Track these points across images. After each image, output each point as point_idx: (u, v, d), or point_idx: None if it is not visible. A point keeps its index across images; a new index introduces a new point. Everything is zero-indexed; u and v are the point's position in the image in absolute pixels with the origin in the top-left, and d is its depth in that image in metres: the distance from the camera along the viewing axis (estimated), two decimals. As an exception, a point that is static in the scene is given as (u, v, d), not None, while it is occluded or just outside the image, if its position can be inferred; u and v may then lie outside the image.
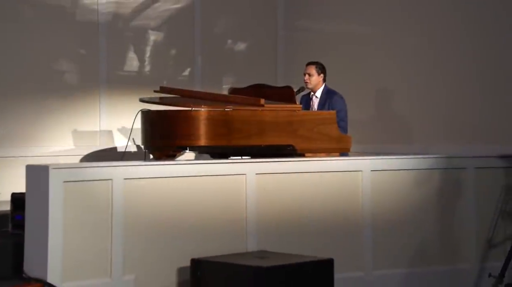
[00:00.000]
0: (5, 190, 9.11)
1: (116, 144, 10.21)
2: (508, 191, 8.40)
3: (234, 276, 6.42)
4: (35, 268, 6.29)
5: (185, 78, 10.84)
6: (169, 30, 10.77)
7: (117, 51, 10.37)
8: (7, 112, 9.41)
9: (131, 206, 6.63)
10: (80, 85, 10.08)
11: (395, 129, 10.27)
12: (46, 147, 9.63)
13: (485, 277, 8.01)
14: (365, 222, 7.68)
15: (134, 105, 10.03)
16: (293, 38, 11.53)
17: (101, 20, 10.16)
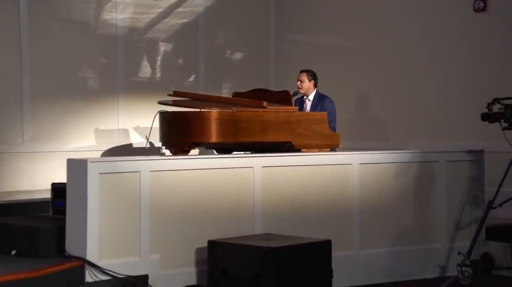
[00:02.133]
0: (37, 181, 9.16)
1: (131, 141, 10.21)
2: (473, 181, 8.42)
3: (246, 255, 6.40)
4: (75, 248, 6.30)
5: (190, 83, 10.84)
6: (177, 42, 10.77)
7: (132, 60, 10.37)
8: (41, 113, 9.40)
9: (156, 195, 6.64)
10: (100, 90, 10.07)
11: (372, 128, 10.34)
12: (73, 143, 9.62)
13: (455, 255, 7.99)
14: (354, 208, 7.68)
15: (147, 106, 10.11)
16: (283, 49, 11.55)
17: (119, 33, 10.15)
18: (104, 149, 9.80)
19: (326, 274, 6.60)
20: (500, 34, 9.39)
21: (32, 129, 9.34)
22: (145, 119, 10.09)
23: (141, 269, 6.46)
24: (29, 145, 9.27)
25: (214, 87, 10.86)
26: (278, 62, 11.54)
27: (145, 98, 10.24)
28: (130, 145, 10.12)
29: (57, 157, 9.34)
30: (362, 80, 10.47)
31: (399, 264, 7.83)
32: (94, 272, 6.23)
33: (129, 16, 10.26)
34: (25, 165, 9.15)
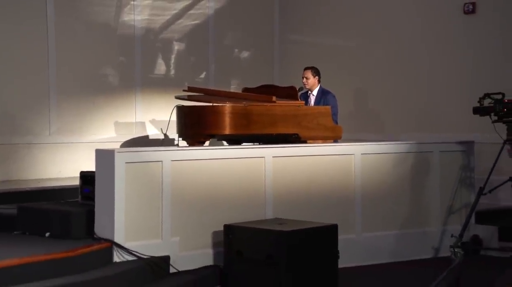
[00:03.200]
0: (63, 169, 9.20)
1: (148, 133, 10.22)
2: (464, 169, 8.47)
3: (259, 238, 6.44)
4: (104, 231, 6.34)
5: (201, 79, 10.87)
6: (189, 42, 10.79)
7: (148, 58, 10.39)
8: (66, 108, 9.43)
9: (177, 182, 6.68)
10: (120, 86, 10.09)
11: (369, 121, 10.36)
12: (94, 135, 9.63)
13: (448, 237, 8.04)
14: (356, 195, 7.73)
15: (162, 101, 10.18)
16: (286, 48, 11.57)
17: (136, 34, 10.17)
18: (123, 140, 9.79)
19: (332, 256, 6.62)
20: (488, 35, 9.42)
21: (58, 122, 9.36)
22: (160, 112, 10.17)
23: (163, 251, 6.51)
24: (55, 137, 9.30)
25: (223, 83, 10.86)
26: (281, 60, 11.57)
27: (160, 93, 10.28)
28: (146, 136, 10.14)
29: (81, 148, 9.40)
30: (360, 78, 10.50)
31: (397, 246, 7.88)
32: (121, 253, 6.28)
33: (145, 18, 10.29)
34: (52, 155, 9.18)
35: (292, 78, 10.23)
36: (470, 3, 9.64)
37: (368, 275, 7.24)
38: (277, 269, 6.25)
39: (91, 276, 5.83)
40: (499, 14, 9.38)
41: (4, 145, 8.39)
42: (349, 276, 6.86)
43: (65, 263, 5.86)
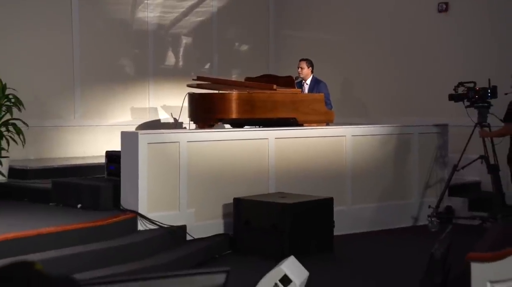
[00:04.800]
0: (87, 149, 9.15)
1: (159, 117, 10.14)
2: (439, 149, 8.51)
3: (265, 209, 6.48)
4: (129, 203, 6.35)
5: (206, 70, 10.78)
6: (195, 36, 10.70)
7: (160, 51, 10.30)
8: (89, 95, 9.34)
9: (192, 161, 6.68)
10: (135, 75, 9.99)
11: (355, 107, 10.34)
12: (113, 119, 9.54)
13: (425, 208, 8.13)
14: (347, 172, 7.75)
15: (172, 89, 10.11)
16: (280, 42, 11.49)
17: (149, 29, 10.06)
18: (137, 123, 9.72)
19: (329, 225, 6.69)
20: (459, 31, 9.41)
21: (81, 107, 9.28)
22: (171, 99, 10.12)
23: (180, 220, 6.53)
24: (79, 120, 9.22)
25: (225, 73, 10.79)
26: (276, 53, 11.49)
27: (170, 82, 10.20)
28: (158, 120, 10.07)
29: (102, 130, 9.32)
30: (346, 68, 10.46)
31: (382, 216, 7.92)
32: (144, 222, 6.30)
33: (157, 15, 10.18)
34: (77, 136, 9.11)
35: (285, 68, 10.17)
36: (443, 2, 9.60)
37: (358, 241, 7.27)
38: (280, 236, 6.31)
39: (119, 243, 5.86)
40: (469, 13, 9.37)
41: (36, 128, 8.30)
42: (342, 242, 6.88)
43: (96, 231, 5.88)
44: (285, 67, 10.42)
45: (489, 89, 7.61)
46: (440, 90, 8.85)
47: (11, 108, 7.71)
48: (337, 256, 6.55)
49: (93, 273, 5.36)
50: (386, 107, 9.92)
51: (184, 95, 8.23)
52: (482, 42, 9.15)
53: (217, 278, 1.85)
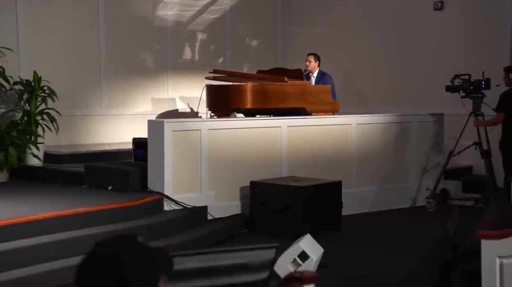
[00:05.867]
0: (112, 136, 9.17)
1: (177, 107, 10.15)
2: (436, 136, 8.51)
3: (279, 192, 6.48)
4: (155, 185, 6.37)
5: (220, 64, 10.76)
6: (210, 32, 10.69)
7: (178, 46, 10.29)
8: (113, 86, 9.34)
9: (212, 147, 6.69)
10: (155, 68, 9.99)
11: (355, 97, 10.34)
12: (136, 109, 9.55)
13: (423, 190, 8.17)
14: (353, 157, 7.75)
15: (189, 81, 10.11)
16: (287, 38, 11.50)
17: (168, 25, 10.06)
18: (157, 113, 9.73)
19: (337, 206, 6.71)
20: (454, 27, 9.41)
21: (107, 98, 9.29)
22: (187, 90, 10.13)
23: (202, 202, 6.55)
24: (105, 110, 9.22)
25: (237, 66, 10.76)
26: (283, 48, 11.48)
27: (187, 75, 10.20)
28: (176, 110, 10.08)
29: (125, 119, 9.34)
30: (348, 62, 10.45)
31: (383, 197, 7.94)
32: (169, 203, 6.32)
33: (175, 13, 10.17)
34: (103, 125, 9.13)
35: (291, 62, 10.17)
36: (439, 1, 9.59)
37: (363, 220, 7.29)
38: (293, 216, 6.33)
39: (147, 222, 5.88)
40: (462, 11, 9.35)
41: (66, 116, 8.31)
42: (349, 221, 6.91)
43: (126, 211, 5.90)
44: (291, 61, 10.42)
45: (483, 81, 7.61)
46: (436, 82, 8.84)
47: (46, 99, 7.73)
48: (345, 234, 6.57)
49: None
50: (385, 98, 9.92)
51: (202, 87, 8.21)
52: (475, 37, 9.14)
53: (268, 253, 1.88)
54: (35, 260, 4.94)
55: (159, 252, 1.44)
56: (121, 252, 1.37)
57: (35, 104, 7.64)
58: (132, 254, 1.38)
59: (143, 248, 1.41)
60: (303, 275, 1.79)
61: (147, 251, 1.42)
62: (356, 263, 5.41)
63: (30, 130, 7.40)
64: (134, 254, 1.38)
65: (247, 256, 1.81)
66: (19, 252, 4.91)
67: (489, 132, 7.79)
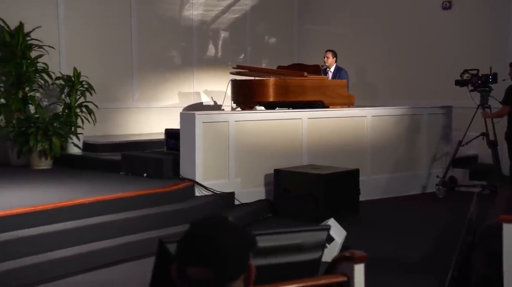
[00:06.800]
0: (143, 128, 9.21)
1: (202, 100, 10.17)
2: (444, 128, 8.47)
3: (302, 179, 6.48)
4: (187, 172, 6.40)
5: (240, 60, 10.74)
6: (232, 30, 10.68)
7: (202, 43, 10.29)
8: (144, 81, 9.37)
9: (239, 137, 6.70)
10: (181, 64, 10.00)
11: (367, 91, 10.30)
12: (164, 102, 9.59)
13: (433, 178, 8.15)
14: (367, 147, 7.73)
15: (213, 76, 10.12)
16: (303, 35, 11.47)
17: (194, 25, 10.05)
18: (183, 106, 9.76)
19: (355, 192, 6.71)
20: (462, 25, 9.34)
21: (138, 92, 9.33)
22: (211, 84, 10.14)
23: (230, 188, 6.58)
24: (137, 103, 9.26)
25: (256, 62, 10.77)
26: (299, 44, 11.46)
27: (211, 70, 10.21)
28: (201, 103, 10.10)
29: (155, 111, 9.38)
30: (361, 57, 10.40)
31: (396, 185, 7.92)
32: (200, 189, 6.34)
33: (200, 13, 10.16)
34: (134, 117, 9.17)
35: (307, 58, 10.15)
36: (447, 1, 9.52)
37: (377, 206, 7.29)
38: (315, 202, 6.34)
39: (180, 206, 5.90)
40: (469, 10, 9.28)
41: (102, 109, 8.36)
42: (365, 207, 6.91)
43: (160, 196, 5.93)
44: (307, 57, 10.39)
45: (491, 75, 7.55)
46: (445, 77, 8.82)
47: (84, 93, 7.78)
48: (363, 219, 6.57)
49: (160, 232, 5.43)
50: (397, 92, 9.88)
51: (224, 81, 8.24)
52: (482, 35, 9.07)
53: (320, 234, 1.89)
54: (78, 241, 4.99)
55: (244, 231, 1.46)
56: (217, 231, 1.38)
57: (75, 98, 7.69)
58: (227, 233, 1.39)
59: (236, 227, 1.42)
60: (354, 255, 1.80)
61: (240, 230, 1.43)
62: (376, 246, 5.40)
63: (71, 121, 7.46)
64: (229, 233, 1.39)
65: (301, 237, 1.83)
66: (64, 234, 4.96)
67: (496, 123, 7.74)
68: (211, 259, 1.35)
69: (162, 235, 5.35)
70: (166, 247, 1.64)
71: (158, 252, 1.65)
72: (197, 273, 1.37)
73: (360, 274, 1.80)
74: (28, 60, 7.42)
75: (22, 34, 7.40)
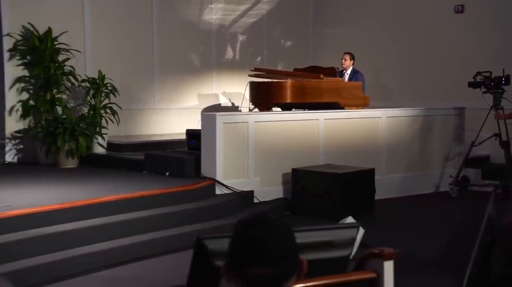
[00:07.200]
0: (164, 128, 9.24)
1: (220, 102, 10.17)
2: (457, 128, 8.42)
3: (319, 178, 6.47)
4: (208, 171, 6.41)
5: (257, 62, 10.71)
6: (249, 34, 10.67)
7: (221, 47, 10.29)
8: (165, 82, 9.40)
9: (258, 137, 6.69)
10: (200, 67, 10.01)
11: (382, 92, 10.24)
12: (184, 103, 9.61)
13: (446, 177, 8.08)
14: (382, 147, 7.69)
15: (231, 78, 10.13)
16: (317, 38, 11.44)
17: (213, 28, 10.06)
18: (202, 107, 9.75)
19: (371, 191, 6.67)
20: (474, 28, 9.25)
21: (159, 93, 9.35)
22: (229, 86, 10.14)
23: (249, 186, 6.57)
24: (157, 104, 9.29)
25: (273, 65, 10.74)
26: (314, 47, 11.43)
27: (229, 73, 10.22)
28: (219, 104, 10.10)
29: (175, 112, 9.40)
30: (375, 60, 10.31)
31: (409, 184, 7.86)
32: (221, 188, 6.35)
33: (219, 17, 10.17)
34: (156, 117, 9.19)
35: (321, 60, 10.11)
36: (459, 5, 9.44)
37: (392, 204, 7.24)
38: (332, 200, 6.32)
39: (201, 204, 5.92)
40: (481, 13, 9.19)
41: (125, 110, 8.39)
42: (379, 205, 6.87)
43: (183, 194, 5.94)
44: (321, 59, 10.35)
45: (503, 77, 7.49)
46: (458, 79, 8.74)
47: (108, 94, 7.82)
48: (378, 217, 6.54)
49: (182, 229, 5.44)
50: (410, 93, 9.81)
51: (242, 83, 8.24)
52: (494, 37, 8.98)
53: (351, 231, 1.88)
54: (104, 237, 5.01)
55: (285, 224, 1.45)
56: (271, 230, 1.38)
57: (100, 99, 7.74)
58: (280, 231, 1.39)
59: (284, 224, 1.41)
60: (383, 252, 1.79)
61: (288, 227, 1.43)
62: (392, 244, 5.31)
63: (96, 122, 7.51)
64: (282, 231, 1.39)
65: (332, 234, 1.82)
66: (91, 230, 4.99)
67: (508, 124, 7.66)
68: (272, 258, 1.34)
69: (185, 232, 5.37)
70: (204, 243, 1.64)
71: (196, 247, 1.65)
72: (258, 273, 1.37)
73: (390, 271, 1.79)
74: (56, 64, 7.49)
75: (50, 38, 7.47)
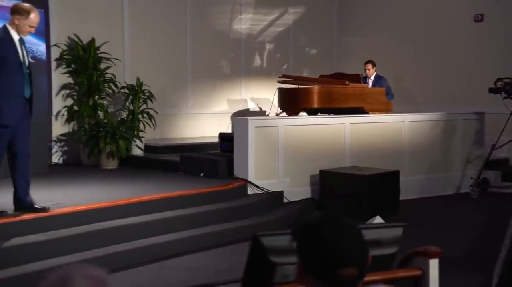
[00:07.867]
0: (196, 131, 9.27)
1: (249, 107, 10.16)
2: (477, 132, 8.31)
3: (346, 179, 6.42)
4: (240, 172, 6.41)
5: (284, 69, 10.68)
6: (276, 42, 10.65)
7: (249, 55, 10.30)
8: (197, 88, 9.43)
9: (288, 141, 6.67)
10: (230, 73, 10.03)
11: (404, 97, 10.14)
12: (216, 108, 9.63)
13: (466, 179, 7.98)
14: (405, 150, 7.61)
15: (259, 84, 10.13)
16: (341, 47, 11.38)
17: (242, 37, 10.07)
18: (232, 112, 9.78)
19: (395, 192, 6.61)
20: (494, 37, 9.13)
21: (192, 98, 9.40)
22: (257, 92, 10.14)
23: (279, 187, 6.55)
24: (190, 109, 9.33)
25: (298, 72, 10.69)
26: (338, 55, 11.37)
27: (257, 79, 10.22)
28: (247, 109, 10.09)
29: (207, 117, 9.42)
30: (398, 66, 10.22)
31: (431, 185, 7.77)
32: (252, 188, 6.34)
33: (248, 27, 10.18)
34: (189, 121, 9.23)
35: (345, 67, 10.06)
36: (479, 14, 9.32)
37: (415, 205, 7.17)
38: (358, 201, 6.27)
39: (234, 204, 5.93)
40: (501, 22, 9.07)
41: (161, 115, 8.45)
42: (403, 206, 6.80)
43: (217, 194, 5.96)
44: (345, 66, 10.29)
45: (523, 83, 7.38)
46: (478, 85, 8.63)
47: (146, 100, 7.88)
48: (403, 216, 6.47)
49: (216, 227, 5.45)
50: (432, 98, 9.70)
51: (270, 89, 8.25)
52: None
53: (397, 231, 1.86)
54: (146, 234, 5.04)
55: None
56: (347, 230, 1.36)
57: (138, 105, 7.80)
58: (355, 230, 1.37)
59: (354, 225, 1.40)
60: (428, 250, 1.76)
61: (357, 227, 1.41)
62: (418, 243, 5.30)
63: (135, 126, 7.57)
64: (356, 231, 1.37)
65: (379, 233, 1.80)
66: (135, 227, 5.02)
67: (529, 128, 7.56)
68: (357, 258, 1.33)
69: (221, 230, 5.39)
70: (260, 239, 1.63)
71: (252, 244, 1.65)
72: (346, 274, 1.36)
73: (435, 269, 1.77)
74: (98, 71, 7.59)
75: (93, 48, 7.57)
